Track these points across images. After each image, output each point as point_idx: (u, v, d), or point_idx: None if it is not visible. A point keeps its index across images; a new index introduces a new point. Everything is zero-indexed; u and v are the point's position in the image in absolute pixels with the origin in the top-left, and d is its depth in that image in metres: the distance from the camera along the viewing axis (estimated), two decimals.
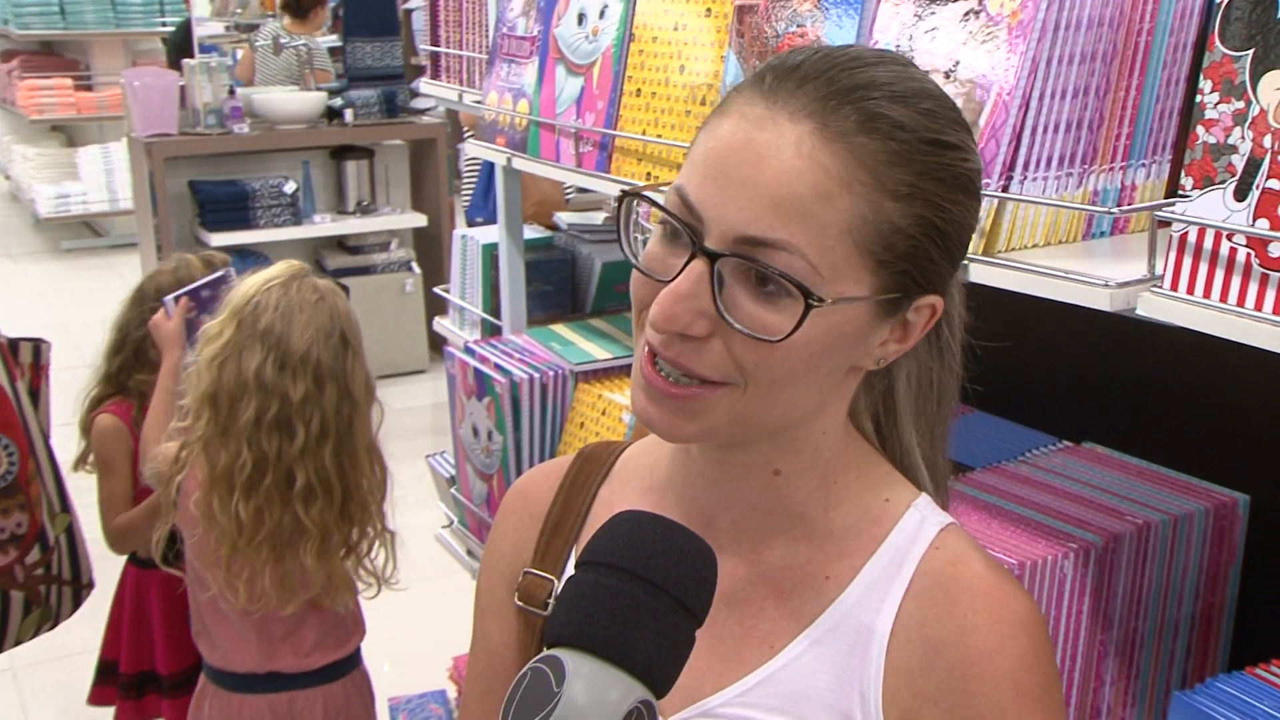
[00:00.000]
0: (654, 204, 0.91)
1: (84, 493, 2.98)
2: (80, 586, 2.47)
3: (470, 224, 5.06)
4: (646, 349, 0.90)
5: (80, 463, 2.84)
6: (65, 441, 2.85)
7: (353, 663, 2.48)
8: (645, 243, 0.93)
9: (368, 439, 2.30)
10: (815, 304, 0.84)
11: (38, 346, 2.44)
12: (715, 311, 0.86)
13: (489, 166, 4.55)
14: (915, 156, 0.86)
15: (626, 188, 1.80)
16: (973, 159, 0.91)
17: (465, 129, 5.27)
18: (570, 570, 1.06)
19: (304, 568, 2.24)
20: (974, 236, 1.23)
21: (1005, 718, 0.90)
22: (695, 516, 0.99)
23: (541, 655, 0.77)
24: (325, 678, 2.40)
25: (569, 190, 4.29)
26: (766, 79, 0.89)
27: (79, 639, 3.57)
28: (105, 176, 9.18)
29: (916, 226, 0.87)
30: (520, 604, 1.08)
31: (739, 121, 0.87)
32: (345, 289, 2.49)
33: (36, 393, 2.42)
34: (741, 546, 0.99)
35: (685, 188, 0.88)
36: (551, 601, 1.05)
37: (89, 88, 9.34)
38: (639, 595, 0.77)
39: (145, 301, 2.83)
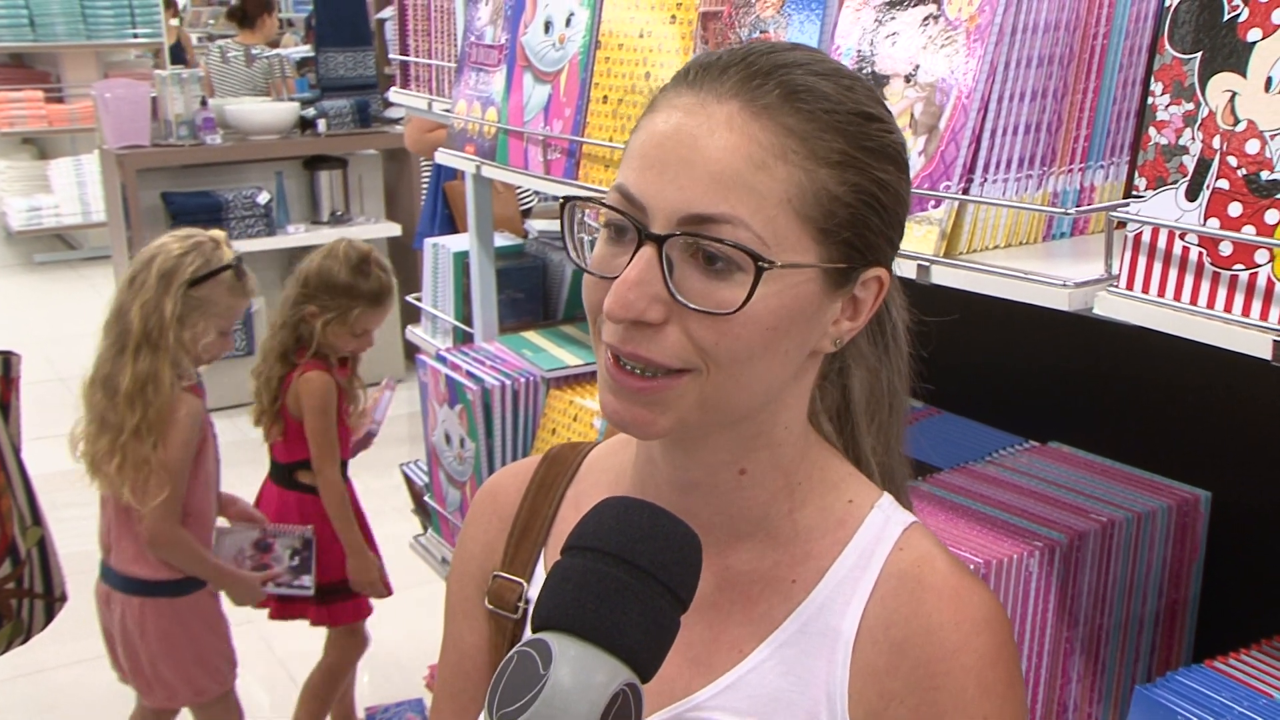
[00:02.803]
0: (596, 203, 0.92)
1: (58, 508, 2.97)
2: (53, 600, 2.45)
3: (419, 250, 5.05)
4: (609, 352, 0.91)
5: (271, 420, 3.16)
6: (37, 455, 2.84)
7: (183, 589, 2.82)
8: (592, 246, 0.94)
9: (137, 339, 2.65)
10: (765, 266, 0.85)
11: (8, 359, 2.42)
12: (668, 294, 0.87)
13: (434, 188, 4.54)
14: (842, 126, 0.89)
15: (577, 194, 1.81)
16: (896, 133, 0.93)
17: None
18: (540, 573, 1.07)
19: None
20: (935, 238, 1.25)
21: (970, 713, 0.91)
22: None
23: (528, 639, 0.78)
24: (143, 590, 2.80)
25: (527, 199, 4.30)
26: (690, 74, 0.92)
27: (52, 654, 3.56)
28: (77, 189, 9.12)
29: (853, 194, 0.89)
30: (490, 607, 1.09)
31: (669, 113, 0.89)
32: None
33: (7, 406, 2.40)
34: (709, 553, 0.98)
35: (624, 184, 0.89)
36: (521, 604, 1.06)
37: (60, 100, 9.28)
38: (625, 579, 0.78)
39: (305, 285, 3.12)
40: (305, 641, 3.51)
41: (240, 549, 3.03)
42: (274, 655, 3.99)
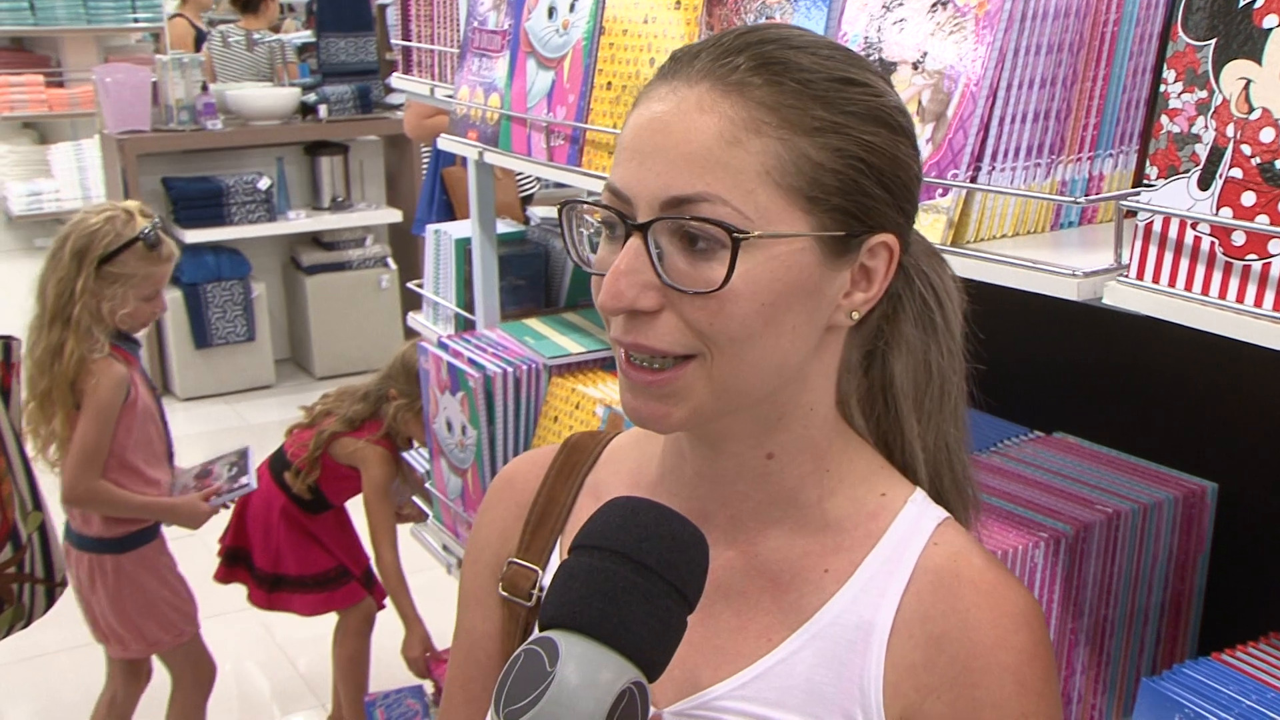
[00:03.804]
0: (588, 203, 0.94)
1: (56, 490, 2.96)
2: (53, 585, 2.44)
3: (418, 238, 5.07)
4: (620, 350, 0.91)
5: (310, 466, 3.23)
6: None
7: (128, 544, 2.94)
8: (596, 245, 0.94)
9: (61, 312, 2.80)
10: (741, 237, 0.85)
11: (8, 344, 2.41)
12: (658, 280, 0.87)
13: (433, 174, 4.51)
14: (819, 93, 0.88)
15: (595, 182, 1.80)
16: (886, 95, 0.92)
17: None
18: (555, 561, 1.06)
19: None
20: (943, 227, 1.24)
21: (1008, 710, 0.90)
22: (690, 513, 0.97)
23: (535, 637, 0.78)
24: (91, 547, 2.93)
25: (528, 186, 4.26)
26: (666, 65, 0.92)
27: (54, 638, 3.55)
28: (78, 174, 9.09)
29: (839, 160, 0.88)
30: (504, 594, 1.08)
31: (647, 105, 0.90)
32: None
33: (7, 390, 2.40)
34: (738, 539, 0.98)
35: (612, 180, 0.90)
36: (536, 592, 1.06)
37: (60, 84, 9.24)
38: (632, 578, 0.78)
39: (393, 367, 3.27)
40: (305, 627, 3.52)
41: (185, 486, 3.11)
42: (274, 640, 4.00)
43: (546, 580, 1.06)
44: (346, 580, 3.36)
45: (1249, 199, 0.95)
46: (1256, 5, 0.94)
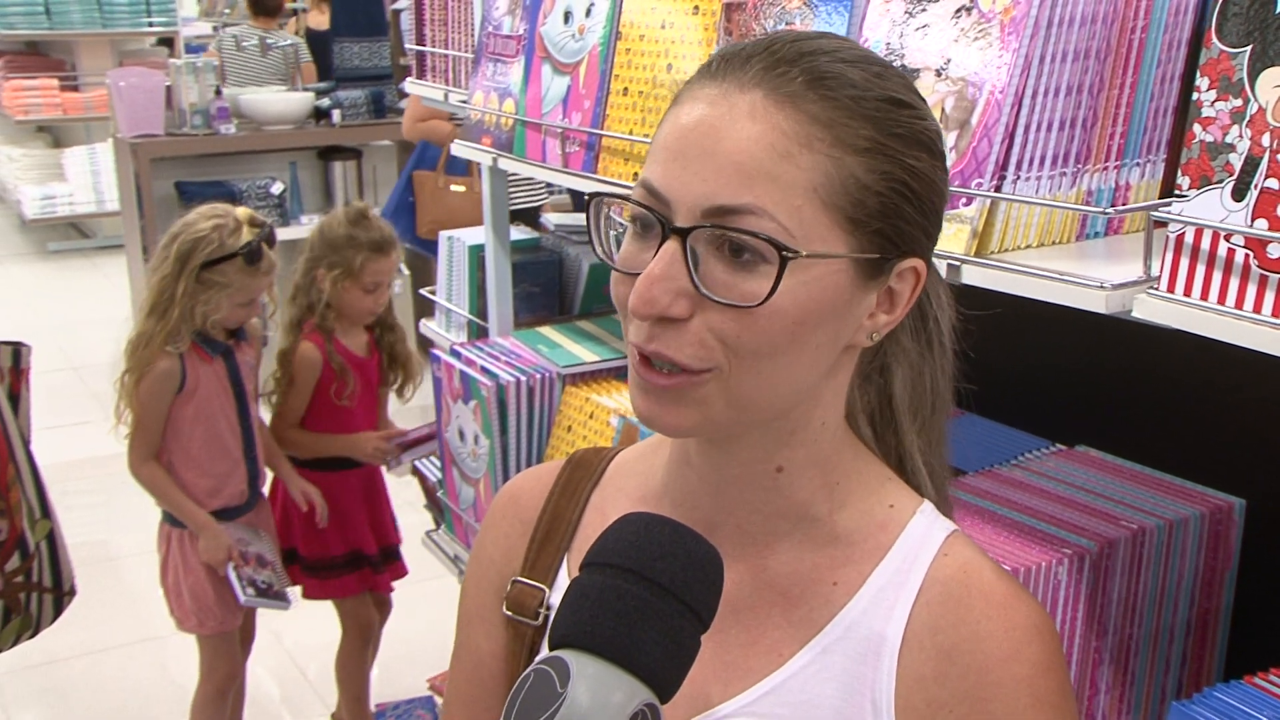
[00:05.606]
0: (622, 198, 0.91)
1: (68, 495, 2.95)
2: (61, 594, 2.43)
3: None
4: (637, 351, 0.89)
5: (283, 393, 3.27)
6: (48, 444, 2.83)
7: (176, 520, 3.03)
8: (620, 242, 0.92)
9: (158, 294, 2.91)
10: (790, 255, 0.83)
11: (18, 350, 2.40)
12: (693, 288, 0.85)
13: (404, 180, 4.48)
14: (870, 113, 0.86)
15: (603, 190, 1.78)
16: (929, 120, 0.91)
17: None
18: (563, 578, 1.04)
19: None
20: (967, 237, 1.21)
21: None
22: (696, 525, 0.96)
23: (546, 656, 0.76)
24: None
25: (538, 193, 4.22)
26: (713, 65, 0.90)
27: (63, 645, 3.54)
28: (92, 178, 9.11)
29: (884, 182, 0.86)
30: (509, 614, 1.06)
31: (692, 105, 0.88)
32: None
33: (16, 397, 2.38)
34: (746, 553, 0.96)
35: (649, 178, 0.88)
36: (543, 610, 1.04)
37: (75, 88, 9.26)
38: (645, 597, 0.76)
39: (311, 250, 3.21)
40: (314, 634, 3.51)
41: (238, 538, 3.08)
42: (282, 647, 3.98)
43: (553, 598, 1.04)
44: (354, 568, 3.30)
45: None
46: None
